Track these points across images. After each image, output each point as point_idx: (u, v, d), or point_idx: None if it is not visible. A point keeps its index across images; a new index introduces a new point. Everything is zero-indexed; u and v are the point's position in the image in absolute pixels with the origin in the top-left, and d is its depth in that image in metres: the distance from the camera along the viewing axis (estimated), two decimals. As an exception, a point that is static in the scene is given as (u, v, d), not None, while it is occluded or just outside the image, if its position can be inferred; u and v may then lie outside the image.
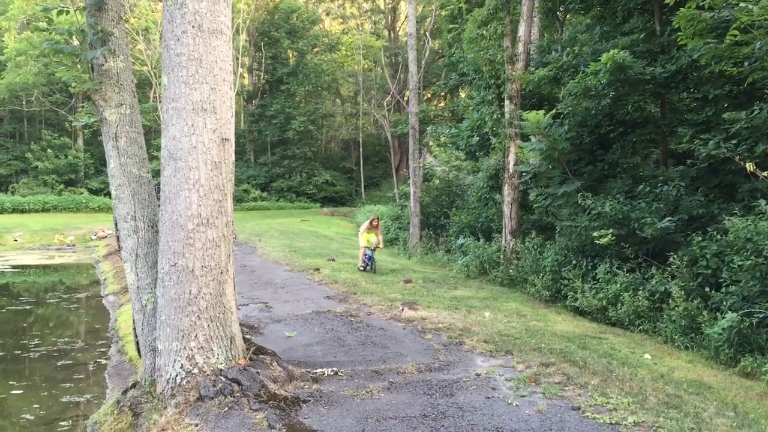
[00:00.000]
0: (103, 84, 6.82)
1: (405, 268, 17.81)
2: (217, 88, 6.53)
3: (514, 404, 6.21)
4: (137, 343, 6.96)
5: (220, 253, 6.56)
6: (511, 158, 16.22)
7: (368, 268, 16.29)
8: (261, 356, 6.94)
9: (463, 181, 25.59)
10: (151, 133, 37.96)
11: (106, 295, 15.78)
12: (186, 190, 6.40)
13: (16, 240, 28.71)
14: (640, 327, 10.60)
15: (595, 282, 12.12)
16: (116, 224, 6.99)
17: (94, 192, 43.37)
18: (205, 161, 6.43)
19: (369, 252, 16.35)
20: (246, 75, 53.32)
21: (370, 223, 16.59)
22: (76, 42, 7.06)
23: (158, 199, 6.74)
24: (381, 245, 17.11)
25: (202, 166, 6.42)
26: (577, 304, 12.11)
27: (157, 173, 6.48)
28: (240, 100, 49.60)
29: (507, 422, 5.72)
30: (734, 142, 10.78)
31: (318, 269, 16.15)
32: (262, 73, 51.77)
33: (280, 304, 11.73)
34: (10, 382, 9.54)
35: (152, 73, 42.77)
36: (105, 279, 18.11)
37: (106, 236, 27.43)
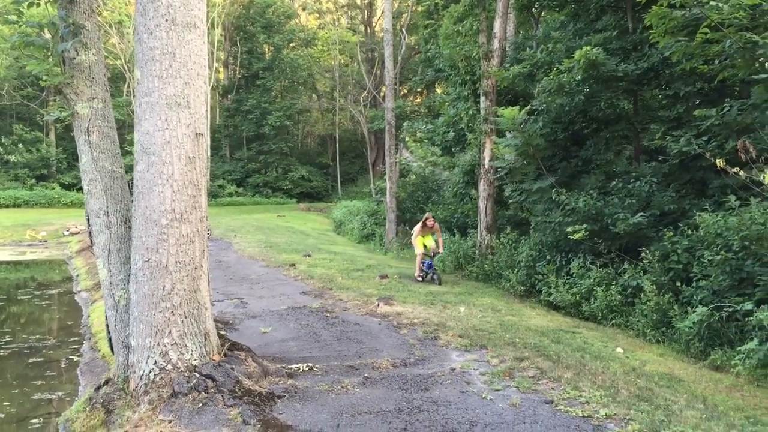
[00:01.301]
0: (75, 77, 6.73)
1: (381, 263, 17.83)
2: (191, 83, 6.47)
3: (488, 398, 6.26)
4: (110, 339, 6.90)
5: (195, 248, 6.52)
6: (487, 154, 16.31)
7: (428, 277, 14.30)
8: (236, 352, 6.92)
9: (439, 177, 25.68)
10: (125, 128, 37.49)
11: (79, 292, 15.60)
12: (159, 185, 6.35)
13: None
14: (613, 321, 10.74)
15: (568, 277, 12.25)
16: (88, 220, 6.91)
17: (67, 187, 42.80)
18: (179, 156, 6.39)
19: (428, 259, 14.36)
20: (221, 69, 52.96)
21: (423, 223, 14.38)
22: (47, 35, 6.97)
23: (131, 194, 6.68)
24: (442, 249, 14.75)
25: (176, 161, 6.37)
26: (551, 299, 12.23)
27: (131, 168, 6.43)
28: (215, 95, 49.24)
29: (481, 416, 5.76)
30: (705, 138, 10.94)
31: (294, 265, 16.12)
32: (237, 68, 51.42)
33: (255, 300, 11.69)
34: (-20, 380, 9.40)
35: (126, 67, 42.30)
36: (78, 275, 17.90)
37: (78, 232, 27.11)
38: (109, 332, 6.89)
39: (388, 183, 23.89)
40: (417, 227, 14.44)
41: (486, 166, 16.36)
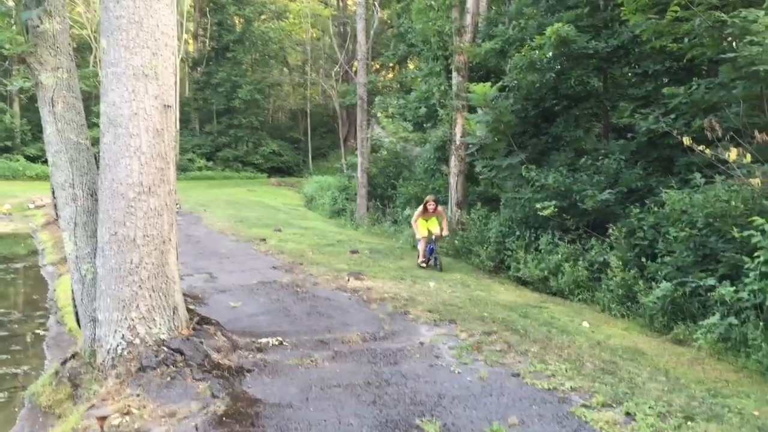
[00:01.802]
0: (39, 47, 6.56)
1: (352, 238, 17.84)
2: (159, 53, 6.36)
3: (456, 371, 6.34)
4: (76, 313, 6.82)
5: (163, 222, 6.45)
6: (458, 130, 16.33)
7: (430, 263, 13.35)
8: (205, 326, 6.90)
9: (410, 153, 25.67)
10: (92, 99, 36.70)
11: (45, 265, 15.37)
12: (127, 157, 6.25)
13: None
14: (580, 296, 10.91)
15: (537, 253, 12.38)
16: (53, 192, 6.79)
17: (32, 159, 41.80)
18: (147, 128, 6.29)
19: (430, 243, 13.33)
20: (191, 41, 52.02)
21: (424, 206, 13.28)
22: (10, 2, 6.77)
23: (98, 167, 6.57)
24: (446, 232, 13.64)
25: (144, 134, 6.28)
26: (519, 275, 12.37)
27: (97, 141, 6.32)
28: (185, 67, 48.40)
29: (449, 389, 5.83)
30: (672, 116, 11.08)
31: (264, 239, 16.04)
32: (207, 40, 50.54)
33: (225, 275, 11.63)
34: (-57, 355, 9.25)
35: (92, 37, 41.34)
36: (43, 249, 17.60)
37: (44, 205, 26.58)
38: (75, 306, 6.81)
39: (359, 158, 23.82)
40: (417, 211, 13.47)
41: (457, 142, 16.39)
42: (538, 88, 14.44)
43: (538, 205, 11.92)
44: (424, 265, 13.21)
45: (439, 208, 13.46)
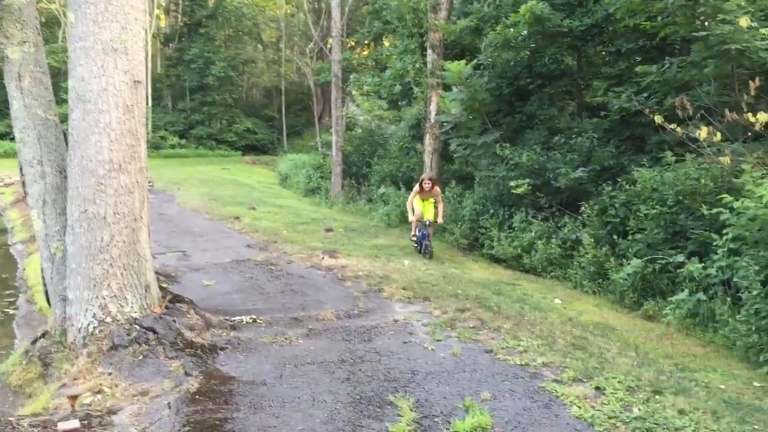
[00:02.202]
0: (4, 20, 6.40)
1: (326, 216, 17.80)
2: (129, 28, 6.25)
3: (430, 348, 6.37)
4: (46, 292, 6.74)
5: (134, 199, 6.38)
6: (433, 108, 16.30)
7: (420, 249, 12.34)
8: (178, 304, 6.86)
9: (385, 131, 25.58)
10: (60, 75, 35.88)
11: (14, 244, 15.14)
12: (96, 134, 6.16)
13: None
14: (552, 273, 11.03)
15: (510, 230, 12.47)
16: (21, 169, 6.67)
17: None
18: (117, 104, 6.19)
19: (424, 228, 12.25)
20: (162, 16, 51.09)
21: (420, 185, 12.30)
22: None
23: (67, 143, 6.45)
24: (441, 219, 12.61)
25: (113, 110, 6.18)
26: (493, 252, 12.46)
27: (67, 117, 6.20)
28: (156, 43, 47.56)
29: (422, 365, 5.87)
30: (645, 95, 11.17)
31: (238, 218, 15.94)
32: (179, 15, 49.66)
33: (198, 253, 11.55)
34: None
35: (61, 12, 40.42)
36: (12, 227, 17.33)
37: (13, 183, 26.06)
38: (45, 285, 6.73)
39: (334, 136, 23.69)
40: (414, 189, 12.48)
41: (432, 120, 16.36)
42: (513, 66, 14.44)
43: (512, 183, 11.98)
44: (415, 246, 12.46)
45: (437, 188, 12.42)
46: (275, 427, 4.52)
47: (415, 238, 12.44)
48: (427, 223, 12.15)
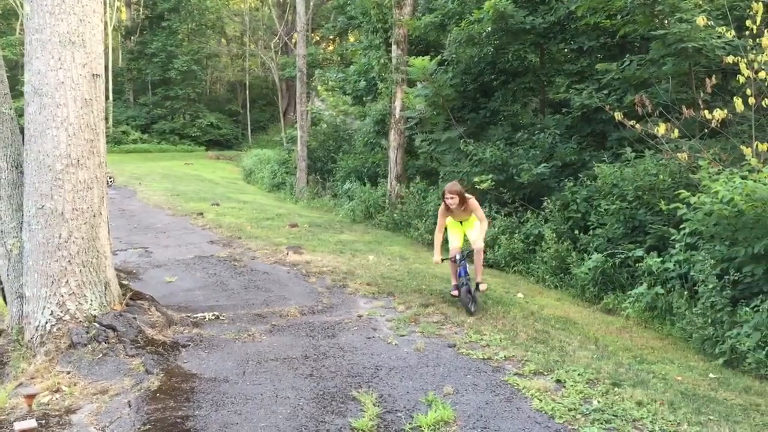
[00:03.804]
0: (-44, 11, 6.24)
1: (291, 212, 17.73)
2: (86, 20, 6.13)
3: (393, 343, 6.40)
4: (2, 290, 6.59)
5: (93, 195, 6.27)
6: (398, 104, 16.32)
7: (461, 293, 7.68)
8: (138, 302, 6.76)
9: (350, 126, 25.55)
10: (18, 68, 35.16)
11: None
12: (53, 128, 6.03)
13: None
14: (515, 268, 11.13)
15: (474, 226, 12.54)
16: (-25, 164, 6.50)
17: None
18: (75, 98, 6.07)
19: (462, 260, 7.73)
20: (123, 9, 50.27)
21: (444, 202, 7.89)
22: None
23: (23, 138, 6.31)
24: (479, 243, 7.88)
25: (71, 103, 6.06)
26: (457, 247, 12.51)
27: (23, 112, 6.07)
28: (117, 36, 46.80)
29: (386, 360, 5.89)
30: (606, 92, 11.34)
31: (201, 213, 15.79)
32: (141, 8, 48.93)
33: (160, 249, 11.41)
34: None
35: (18, 3, 39.51)
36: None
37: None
38: (0, 282, 6.58)
39: (299, 131, 23.59)
40: (440, 209, 8.10)
41: (397, 116, 16.39)
42: (477, 62, 14.54)
43: (475, 179, 12.06)
44: (455, 293, 7.89)
45: (471, 201, 7.90)
46: (237, 424, 4.50)
47: (456, 290, 7.84)
48: (460, 256, 7.76)
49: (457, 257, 7.76)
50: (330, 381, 5.37)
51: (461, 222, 8.15)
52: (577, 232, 10.35)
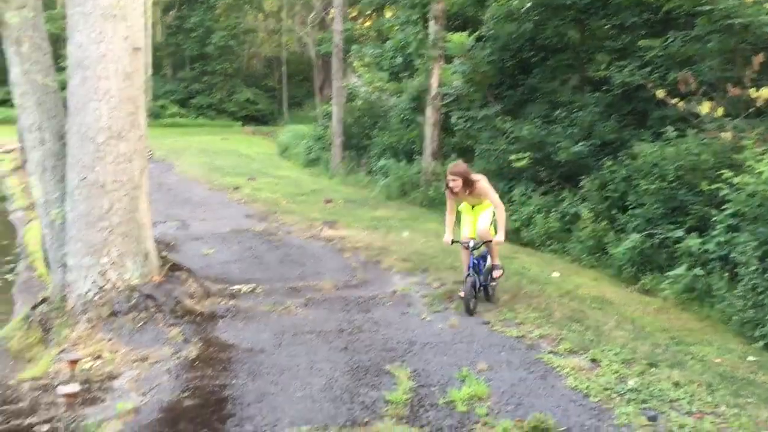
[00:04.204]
0: (2, -16, 6.34)
1: (326, 188, 17.79)
2: (127, -7, 6.19)
3: (427, 319, 6.42)
4: (46, 258, 6.76)
5: (133, 167, 6.38)
6: (435, 80, 16.17)
7: (464, 288, 6.70)
8: (177, 273, 6.88)
9: (386, 103, 25.43)
10: (60, 42, 35.74)
11: (14, 211, 15.15)
12: (95, 101, 6.14)
13: None
14: (551, 247, 11.04)
15: (510, 204, 12.44)
16: (21, 135, 6.65)
17: (-2, 103, 40.62)
18: (116, 71, 6.16)
19: (473, 251, 6.86)
20: (162, -17, 50.52)
21: (447, 186, 6.92)
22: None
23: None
24: (497, 235, 6.94)
25: (113, 77, 6.15)
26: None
27: (65, 85, 6.18)
28: (156, 11, 47.09)
29: (420, 336, 5.92)
30: (648, 69, 11.08)
31: (238, 188, 15.93)
32: (179, -18, 49.07)
33: (197, 222, 11.57)
34: None
35: (59, -23, 39.98)
36: (12, 194, 17.32)
37: (12, 150, 26.02)
38: (45, 251, 6.75)
39: (334, 108, 23.55)
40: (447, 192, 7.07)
41: (433, 93, 16.26)
42: (516, 38, 14.32)
43: (512, 157, 11.95)
44: (461, 294, 6.77)
45: (479, 184, 6.82)
46: (273, 394, 4.57)
47: (462, 293, 6.73)
48: (472, 243, 6.90)
49: (470, 244, 6.84)
50: (364, 355, 5.41)
51: (473, 207, 7.12)
52: (615, 211, 10.20)
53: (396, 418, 4.25)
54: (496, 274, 7.09)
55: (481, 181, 6.86)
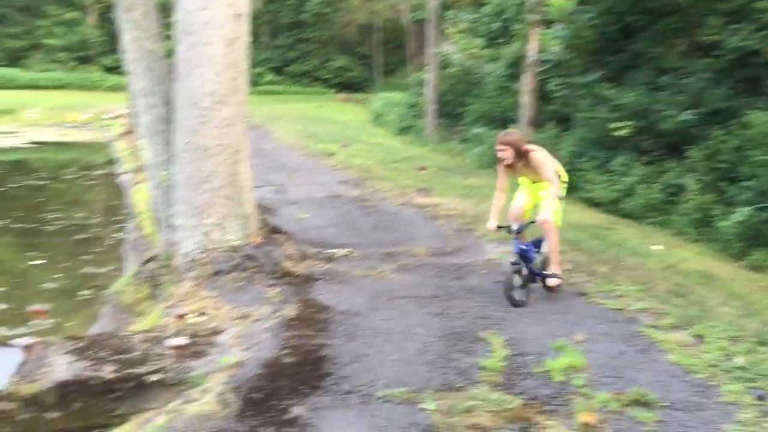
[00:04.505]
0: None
1: (418, 155, 17.77)
2: (231, -40, 6.30)
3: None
4: (154, 218, 7.09)
5: (235, 132, 6.55)
6: (533, 46, 15.74)
7: (508, 283, 5.82)
8: (275, 235, 7.07)
9: (481, 70, 25.01)
10: (167, 10, 36.92)
11: (122, 173, 15.92)
12: (200, 66, 6.32)
13: (29, 116, 28.74)
14: (652, 219, 10.65)
15: (610, 174, 12.06)
16: (131, 100, 6.95)
17: (109, 70, 42.55)
18: (220, 37, 6.31)
19: (520, 232, 6.02)
20: (260, -48, 51.20)
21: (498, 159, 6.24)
22: None
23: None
24: (546, 215, 5.99)
25: (217, 42, 6.30)
26: (590, 196, 12.11)
27: (171, 52, 6.39)
28: (254, -21, 47.85)
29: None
30: (764, 33, 10.40)
31: (332, 154, 16.13)
32: (276, -50, 49.61)
33: (293, 187, 11.81)
34: (31, 254, 9.82)
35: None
36: (120, 158, 18.21)
37: (120, 115, 27.31)
38: (153, 211, 7.07)
39: (428, 75, 23.38)
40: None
41: (531, 59, 15.85)
42: (620, 1, 13.71)
43: (613, 125, 11.54)
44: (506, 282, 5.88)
45: (536, 155, 6.05)
46: (369, 356, 4.64)
47: (510, 271, 5.91)
48: (517, 225, 6.03)
49: (513, 227, 5.95)
50: (458, 321, 5.41)
51: (533, 183, 6.24)
52: (723, 183, 9.71)
53: (491, 385, 4.23)
54: (552, 282, 6.01)
55: (537, 152, 6.02)
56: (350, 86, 48.34)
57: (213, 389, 4.07)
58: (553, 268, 6.04)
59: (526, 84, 16.04)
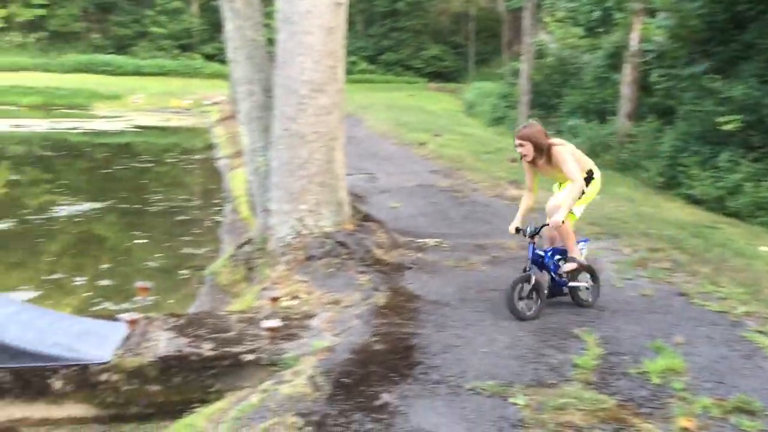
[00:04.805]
0: (221, -57, 6.78)
1: (511, 147, 17.41)
2: (330, -51, 6.37)
3: (617, 286, 6.15)
4: (251, 203, 7.29)
5: (331, 119, 6.63)
6: (635, 35, 15.20)
7: (509, 291, 5.17)
8: (367, 223, 7.13)
9: (578, 60, 24.35)
10: (268, 0, 37.78)
11: (220, 158, 16.47)
12: (300, 55, 6.42)
13: (135, 102, 30.15)
14: (761, 219, 10.10)
15: (714, 170, 11.51)
16: (232, 87, 7.16)
17: (209, 57, 44.02)
18: (320, 26, 6.39)
19: (532, 235, 5.49)
20: (356, -59, 51.56)
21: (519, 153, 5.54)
22: None
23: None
24: (562, 215, 5.33)
25: (316, 31, 6.39)
26: (692, 192, 11.60)
27: (270, 41, 6.53)
28: (351, -32, 48.26)
29: (610, 302, 5.67)
30: None
31: (423, 144, 16.12)
32: (372, -62, 49.83)
33: (385, 176, 11.88)
34: (135, 233, 10.31)
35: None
36: (218, 143, 18.83)
37: (219, 102, 28.24)
38: (249, 196, 7.28)
39: (523, 64, 22.96)
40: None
41: (633, 49, 15.30)
42: (731, -11, 13.04)
43: (720, 119, 11.00)
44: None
45: (557, 149, 5.44)
46: (458, 347, 4.62)
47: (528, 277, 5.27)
48: (530, 228, 5.54)
49: (527, 230, 5.47)
50: (551, 317, 5.30)
51: (560, 184, 5.83)
52: (841, 183, 9.11)
53: (584, 383, 4.12)
54: (566, 267, 5.46)
55: (558, 147, 5.40)
56: (443, 76, 48.08)
57: (305, 372, 4.14)
58: (571, 252, 5.51)
59: (627, 75, 15.53)
